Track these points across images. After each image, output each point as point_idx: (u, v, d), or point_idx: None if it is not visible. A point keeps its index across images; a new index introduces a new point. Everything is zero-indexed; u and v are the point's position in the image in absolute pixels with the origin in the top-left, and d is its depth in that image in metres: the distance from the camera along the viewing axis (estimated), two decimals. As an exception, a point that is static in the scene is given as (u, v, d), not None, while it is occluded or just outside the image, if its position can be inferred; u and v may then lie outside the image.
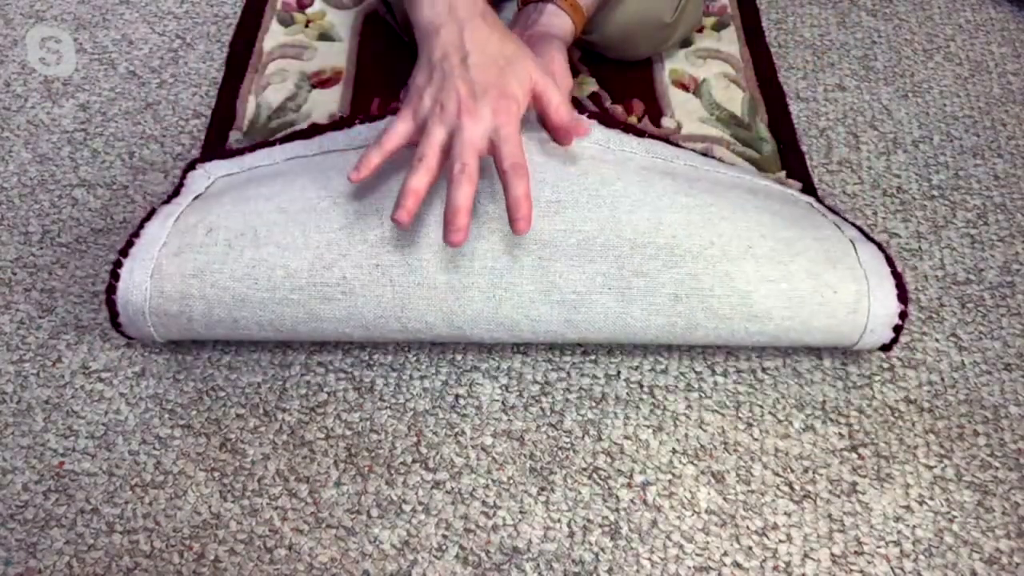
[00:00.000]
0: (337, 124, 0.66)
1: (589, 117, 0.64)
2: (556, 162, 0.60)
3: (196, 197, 0.63)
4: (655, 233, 0.57)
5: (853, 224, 0.64)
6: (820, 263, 0.59)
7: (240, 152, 0.68)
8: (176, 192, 0.65)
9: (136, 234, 0.60)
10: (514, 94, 0.55)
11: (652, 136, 0.65)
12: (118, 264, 0.58)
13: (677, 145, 0.66)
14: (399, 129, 0.55)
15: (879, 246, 0.62)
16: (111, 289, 0.58)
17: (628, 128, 0.65)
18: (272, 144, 0.67)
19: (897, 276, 0.60)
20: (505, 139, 0.53)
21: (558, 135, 0.59)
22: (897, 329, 0.60)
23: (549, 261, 0.57)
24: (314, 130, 0.67)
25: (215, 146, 0.77)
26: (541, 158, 0.60)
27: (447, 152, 0.54)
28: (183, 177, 0.66)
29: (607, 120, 0.64)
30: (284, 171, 0.63)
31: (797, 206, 0.65)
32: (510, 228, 0.53)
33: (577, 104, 0.80)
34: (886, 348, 0.62)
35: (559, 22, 0.70)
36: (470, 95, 0.53)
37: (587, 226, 0.57)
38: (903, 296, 0.59)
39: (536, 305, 0.57)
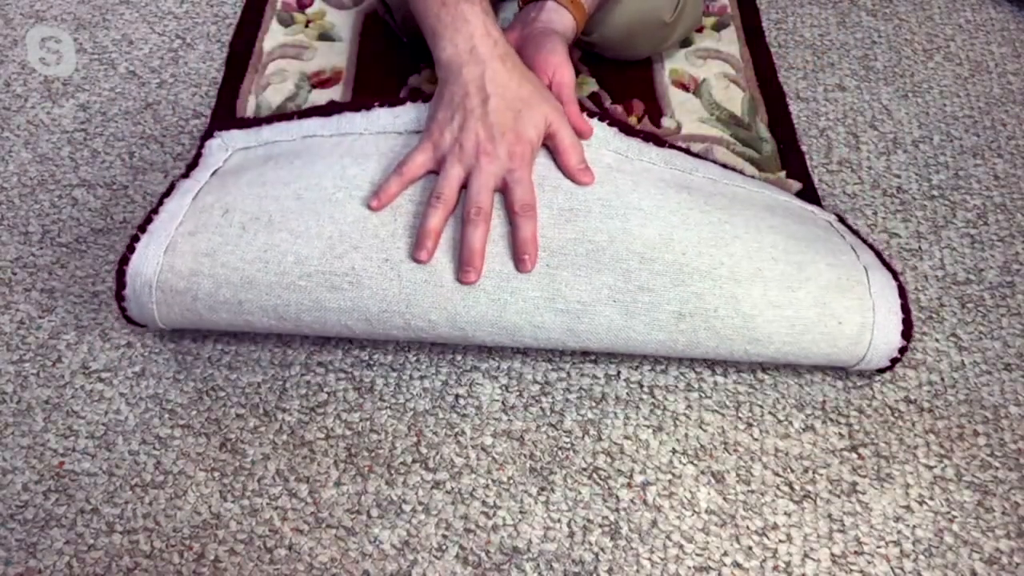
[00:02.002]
0: (355, 105, 0.66)
1: (609, 126, 0.63)
2: None
3: (214, 172, 0.64)
4: (665, 249, 0.57)
5: (872, 248, 0.64)
6: (829, 291, 0.58)
7: (258, 123, 0.67)
8: (194, 163, 0.65)
9: (155, 210, 0.60)
10: (529, 138, 0.58)
11: (672, 146, 0.65)
12: (135, 239, 0.59)
13: (697, 156, 0.66)
14: (419, 160, 0.59)
15: (894, 274, 0.61)
16: (124, 260, 0.58)
17: (648, 137, 0.64)
18: (290, 117, 0.67)
19: (906, 310, 0.59)
20: (518, 181, 0.57)
21: (568, 175, 0.60)
22: (894, 361, 0.60)
23: (557, 269, 0.57)
24: (333, 107, 0.66)
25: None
26: (557, 165, 0.60)
27: (463, 187, 0.58)
28: (200, 146, 0.67)
29: (627, 129, 0.64)
30: (301, 151, 0.63)
31: (815, 226, 0.64)
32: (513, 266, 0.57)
33: (594, 109, 0.80)
34: (880, 371, 0.62)
35: (559, 18, 0.70)
36: (488, 137, 0.57)
37: (598, 236, 0.57)
38: (907, 332, 0.59)
39: (540, 312, 0.57)
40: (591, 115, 0.64)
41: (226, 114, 0.80)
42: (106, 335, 0.65)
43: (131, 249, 0.59)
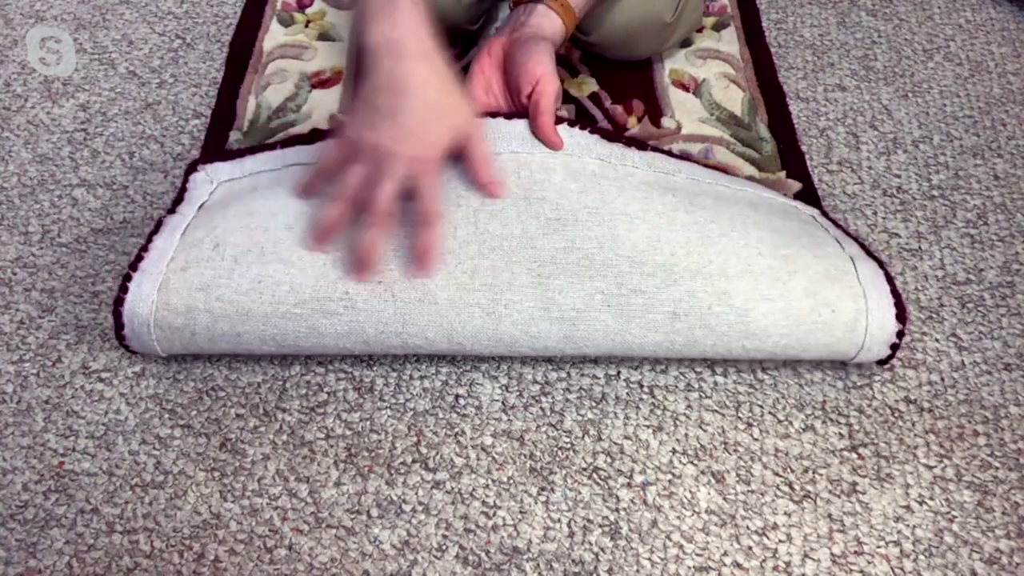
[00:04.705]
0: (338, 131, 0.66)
1: (591, 133, 0.63)
2: (556, 180, 0.60)
3: (201, 206, 0.63)
4: (653, 251, 0.58)
5: (855, 239, 0.64)
6: (819, 281, 0.59)
7: (240, 154, 0.67)
8: (179, 198, 0.65)
9: (145, 248, 0.60)
10: (439, 143, 0.56)
11: (655, 149, 0.65)
12: (127, 278, 0.58)
13: (679, 157, 0.66)
14: (333, 152, 0.58)
15: (880, 263, 0.62)
16: (119, 301, 0.58)
17: (630, 141, 0.64)
18: (273, 147, 0.67)
19: (896, 295, 0.60)
20: (424, 187, 0.55)
21: (479, 187, 0.59)
22: (894, 347, 0.60)
23: (548, 278, 0.57)
24: (315, 135, 0.66)
25: (215, 146, 0.77)
26: (542, 175, 0.60)
27: (367, 186, 0.56)
28: (185, 180, 0.66)
29: (608, 135, 0.64)
30: (285, 181, 0.63)
31: (799, 220, 0.64)
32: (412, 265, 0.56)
33: (584, 114, 0.80)
34: (882, 363, 0.62)
35: (548, 22, 0.70)
36: (397, 139, 0.55)
37: (586, 244, 0.58)
38: (901, 316, 0.59)
39: (536, 322, 0.58)
40: (571, 124, 0.63)
41: (226, 114, 0.80)
42: (106, 335, 0.65)
43: (124, 289, 0.58)
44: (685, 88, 0.84)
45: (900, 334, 0.59)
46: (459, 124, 0.57)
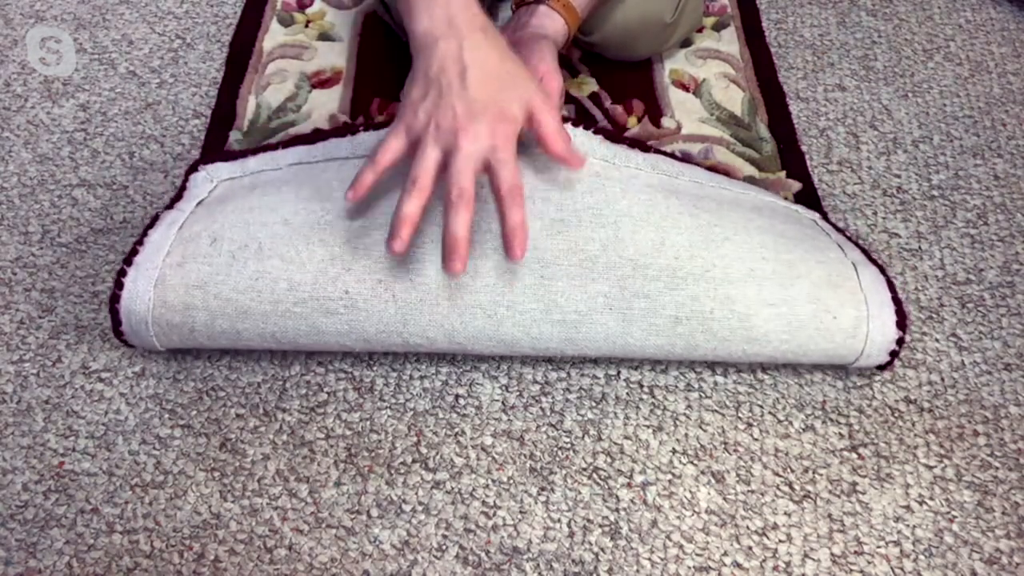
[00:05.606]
0: (340, 130, 0.65)
1: (595, 133, 0.63)
2: (560, 180, 0.60)
3: (199, 203, 0.63)
4: (657, 254, 0.57)
5: (856, 244, 0.64)
6: (821, 287, 0.59)
7: (243, 154, 0.67)
8: (179, 196, 0.65)
9: (140, 241, 0.60)
10: (512, 115, 0.53)
11: (657, 151, 0.65)
12: (122, 273, 0.58)
13: (682, 159, 0.66)
14: (392, 145, 0.54)
15: (881, 269, 0.62)
16: (115, 298, 0.58)
17: (633, 143, 0.64)
18: (275, 148, 0.67)
19: (897, 302, 0.60)
20: (502, 162, 0.52)
21: (556, 160, 0.57)
22: (893, 353, 0.60)
23: (551, 280, 0.57)
24: (317, 135, 0.66)
25: (215, 146, 0.77)
26: (545, 175, 0.60)
27: (442, 171, 0.52)
28: (185, 179, 0.66)
29: (612, 136, 0.64)
30: (288, 179, 0.63)
31: (801, 225, 0.64)
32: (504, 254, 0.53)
33: (584, 114, 0.80)
34: (881, 368, 0.62)
35: (551, 23, 0.69)
36: (467, 114, 0.51)
37: (590, 246, 0.57)
38: (902, 323, 0.59)
39: (537, 324, 0.57)
40: (575, 124, 0.63)
41: (226, 114, 0.80)
42: (106, 335, 0.65)
43: (119, 285, 0.58)
44: (685, 88, 0.84)
45: (900, 341, 0.60)
46: (527, 94, 0.54)
